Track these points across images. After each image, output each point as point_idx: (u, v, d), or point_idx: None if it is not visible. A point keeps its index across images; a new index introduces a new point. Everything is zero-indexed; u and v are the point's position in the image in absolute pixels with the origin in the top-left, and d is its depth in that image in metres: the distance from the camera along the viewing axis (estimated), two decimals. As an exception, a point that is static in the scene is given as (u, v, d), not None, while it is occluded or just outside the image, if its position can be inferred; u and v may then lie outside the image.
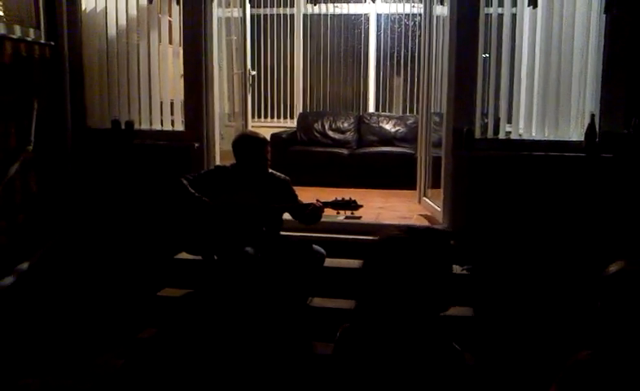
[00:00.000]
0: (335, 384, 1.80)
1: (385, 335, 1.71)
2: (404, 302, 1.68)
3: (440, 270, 1.71)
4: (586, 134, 4.31)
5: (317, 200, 4.09)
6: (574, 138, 4.47)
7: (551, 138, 4.53)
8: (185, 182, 4.09)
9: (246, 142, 4.22)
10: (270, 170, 4.28)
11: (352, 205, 4.08)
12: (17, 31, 4.61)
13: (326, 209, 4.12)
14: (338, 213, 4.18)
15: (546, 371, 1.93)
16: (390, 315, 1.71)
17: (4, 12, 4.60)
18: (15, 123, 4.58)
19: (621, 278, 1.66)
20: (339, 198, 4.12)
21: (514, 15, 4.58)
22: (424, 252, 1.71)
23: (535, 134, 4.59)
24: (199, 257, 4.25)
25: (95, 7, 5.13)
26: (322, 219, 4.20)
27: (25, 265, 4.53)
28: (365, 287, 1.76)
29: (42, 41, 4.87)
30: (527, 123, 4.59)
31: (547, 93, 4.53)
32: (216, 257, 4.16)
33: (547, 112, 4.54)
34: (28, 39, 4.73)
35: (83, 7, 5.10)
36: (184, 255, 4.43)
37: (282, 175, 4.30)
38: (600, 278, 1.70)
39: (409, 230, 1.77)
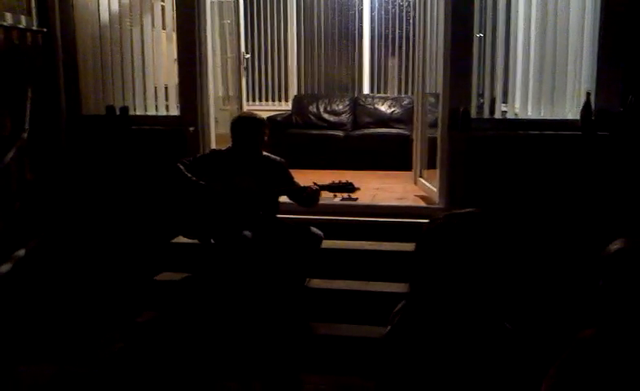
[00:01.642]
0: (391, 366, 1.81)
1: (440, 318, 1.72)
2: (459, 286, 1.69)
3: (490, 252, 1.72)
4: (582, 113, 4.32)
5: (314, 183, 4.08)
6: (570, 117, 4.46)
7: (547, 116, 4.53)
8: (181, 166, 4.09)
9: (244, 123, 4.22)
10: (265, 153, 4.28)
11: (349, 188, 4.07)
12: (8, 18, 4.59)
13: (323, 192, 4.12)
14: (335, 195, 4.18)
15: (549, 351, 1.93)
16: (445, 299, 1.71)
17: (-5, -1, 4.58)
18: (10, 111, 4.57)
19: (622, 256, 1.66)
20: (336, 181, 4.11)
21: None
22: (473, 234, 1.72)
23: (531, 113, 4.59)
24: (196, 241, 4.26)
25: (88, -7, 5.10)
26: (320, 201, 4.20)
27: (22, 252, 4.53)
28: (418, 274, 1.76)
29: (35, 28, 4.85)
30: (523, 102, 4.59)
31: (543, 72, 4.52)
32: (213, 241, 4.17)
33: (543, 90, 4.54)
34: (20, 26, 4.70)
35: (75, -7, 5.07)
36: (181, 239, 4.43)
37: (278, 158, 4.29)
38: (601, 257, 1.70)
39: (452, 216, 1.78)
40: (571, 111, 4.49)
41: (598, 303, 1.69)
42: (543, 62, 4.51)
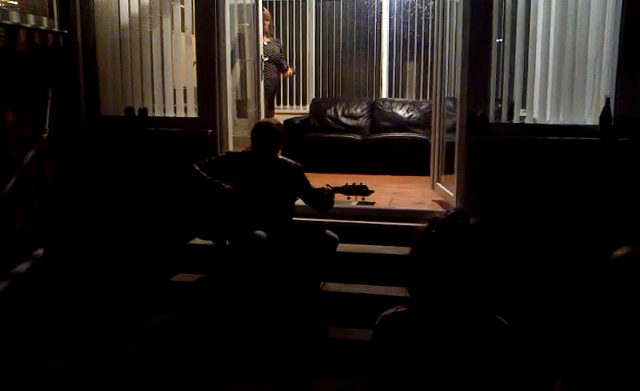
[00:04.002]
0: (376, 371, 1.82)
1: (436, 320, 1.73)
2: (459, 286, 1.70)
3: (488, 248, 1.73)
4: (601, 118, 4.28)
5: (328, 185, 4.09)
6: (589, 123, 4.42)
7: (566, 122, 4.49)
8: (197, 167, 4.11)
9: (266, 131, 4.23)
10: (281, 157, 4.29)
11: (363, 190, 4.07)
12: (31, 20, 4.63)
13: (338, 195, 4.12)
14: (348, 198, 4.18)
15: (555, 361, 1.92)
16: (444, 300, 1.72)
17: (18, 1, 4.62)
18: (30, 111, 4.61)
19: (626, 262, 1.64)
20: (350, 183, 4.11)
21: (528, -1, 4.55)
22: (476, 233, 1.73)
23: (549, 119, 4.55)
24: (212, 243, 4.28)
25: (108, -5, 5.14)
26: (336, 205, 4.20)
27: (41, 252, 4.57)
28: (418, 274, 1.77)
29: (56, 29, 4.89)
30: (541, 107, 4.56)
31: (562, 77, 4.48)
32: (228, 242, 4.18)
33: (562, 96, 4.50)
34: (42, 28, 4.75)
35: (96, -5, 5.11)
36: (198, 240, 4.45)
37: (294, 162, 4.30)
38: (605, 263, 1.69)
39: (456, 214, 1.79)
40: (590, 116, 4.45)
41: (599, 309, 1.68)
42: (562, 67, 4.47)
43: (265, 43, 6.61)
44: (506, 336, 1.75)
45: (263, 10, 6.40)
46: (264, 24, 6.38)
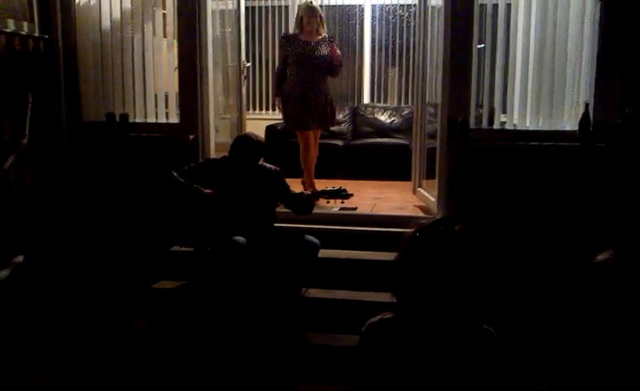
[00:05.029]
0: (362, 378, 1.82)
1: (423, 327, 1.74)
2: (442, 293, 1.71)
3: (476, 255, 1.74)
4: (580, 124, 4.33)
5: (306, 189, 4.09)
6: (568, 128, 4.48)
7: (545, 127, 4.54)
8: (174, 173, 4.09)
9: (248, 145, 4.22)
10: (260, 162, 4.29)
11: (342, 194, 4.07)
12: (11, 24, 4.60)
13: (319, 200, 4.12)
14: (328, 202, 4.18)
15: (539, 366, 1.94)
16: (430, 307, 1.73)
17: (-3, 6, 4.59)
18: (10, 117, 4.57)
19: (608, 267, 1.66)
20: (329, 187, 4.12)
21: (508, 5, 4.58)
22: (464, 239, 1.74)
23: (529, 124, 4.60)
24: (192, 249, 4.26)
25: (89, 0, 5.11)
26: (318, 210, 4.21)
27: (21, 258, 4.53)
28: (404, 281, 1.77)
29: (36, 34, 4.86)
30: (521, 113, 4.60)
31: (541, 83, 4.53)
32: (209, 249, 4.17)
33: (541, 101, 4.55)
34: (22, 32, 4.72)
35: (77, 0, 5.08)
36: (180, 247, 4.43)
37: (273, 167, 4.29)
38: (587, 269, 1.70)
39: (440, 220, 1.80)
40: (569, 122, 4.50)
41: (581, 314, 1.70)
42: (542, 73, 4.52)
43: (313, 43, 5.73)
44: (494, 345, 1.75)
45: (310, 4, 5.78)
46: (310, 22, 5.70)
